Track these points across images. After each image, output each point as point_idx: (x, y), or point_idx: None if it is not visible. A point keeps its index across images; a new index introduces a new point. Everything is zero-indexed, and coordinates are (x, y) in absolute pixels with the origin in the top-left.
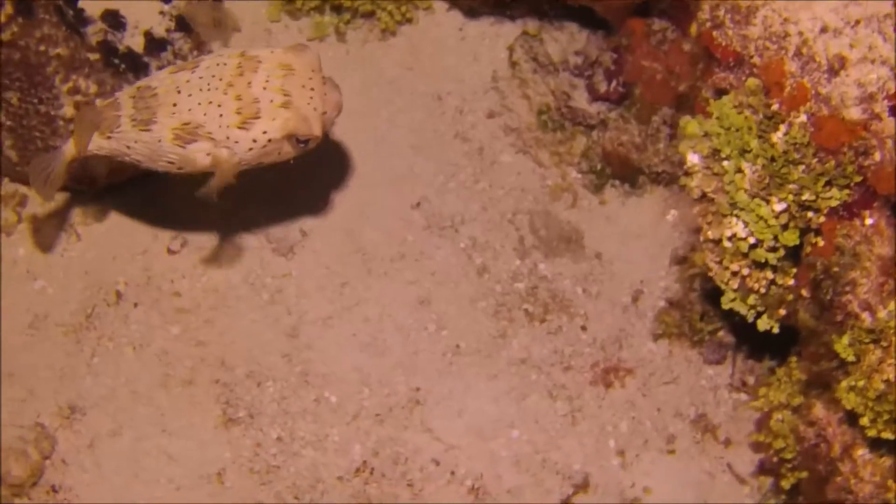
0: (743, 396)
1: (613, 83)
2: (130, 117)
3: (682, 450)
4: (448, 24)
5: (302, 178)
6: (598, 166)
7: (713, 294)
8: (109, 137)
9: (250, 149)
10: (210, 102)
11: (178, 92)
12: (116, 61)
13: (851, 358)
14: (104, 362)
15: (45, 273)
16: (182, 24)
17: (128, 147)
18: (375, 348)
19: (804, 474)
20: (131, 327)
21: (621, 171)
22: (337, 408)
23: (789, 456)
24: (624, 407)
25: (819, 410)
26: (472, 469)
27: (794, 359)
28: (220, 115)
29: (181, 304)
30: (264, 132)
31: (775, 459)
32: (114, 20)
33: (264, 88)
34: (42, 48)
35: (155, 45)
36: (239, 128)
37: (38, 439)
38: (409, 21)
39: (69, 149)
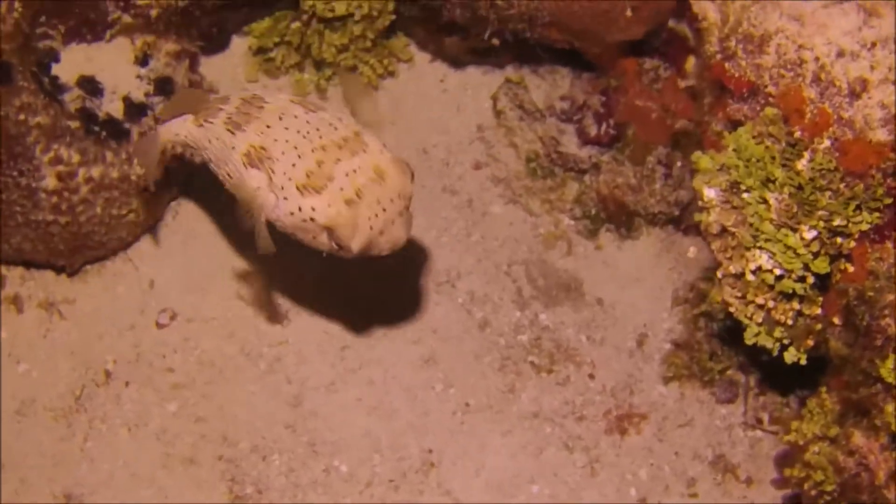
0: (759, 433)
1: (604, 126)
2: (228, 115)
3: (703, 492)
4: (430, 75)
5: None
6: (593, 211)
7: (721, 332)
8: (201, 125)
9: (291, 213)
10: (295, 148)
11: (280, 119)
12: (97, 129)
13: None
14: (99, 446)
15: (29, 356)
16: (162, 87)
17: (209, 141)
18: (383, 411)
19: None
20: (124, 407)
21: (617, 215)
22: (348, 477)
23: (829, 488)
24: (641, 454)
25: (858, 439)
26: None
27: (823, 389)
28: (293, 165)
29: (176, 380)
30: (313, 208)
31: (813, 493)
32: (91, 86)
33: (346, 175)
34: (22, 117)
35: (135, 109)
36: (297, 188)
37: None
38: (392, 74)
39: (165, 130)
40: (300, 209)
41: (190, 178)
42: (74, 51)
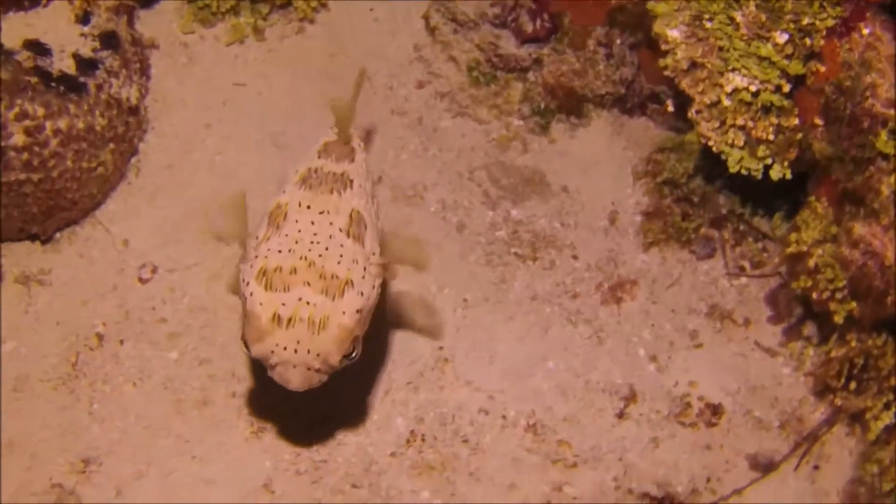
0: (744, 280)
1: (539, 21)
2: (315, 168)
3: (707, 341)
4: (360, 6)
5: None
6: (542, 105)
7: (689, 195)
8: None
9: (242, 278)
10: (295, 242)
11: (320, 213)
12: (54, 85)
13: (893, 151)
14: (106, 406)
15: (14, 334)
16: (107, 41)
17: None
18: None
19: (853, 305)
20: (124, 364)
21: (567, 103)
22: (366, 390)
23: (840, 284)
24: (640, 317)
25: (860, 229)
26: (522, 409)
27: (812, 198)
28: (279, 251)
29: (171, 329)
30: (251, 293)
31: (825, 296)
32: (38, 47)
33: (299, 299)
34: None
35: (86, 64)
36: (260, 268)
37: (60, 498)
38: (325, 6)
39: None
40: (247, 283)
41: None
42: (13, 20)
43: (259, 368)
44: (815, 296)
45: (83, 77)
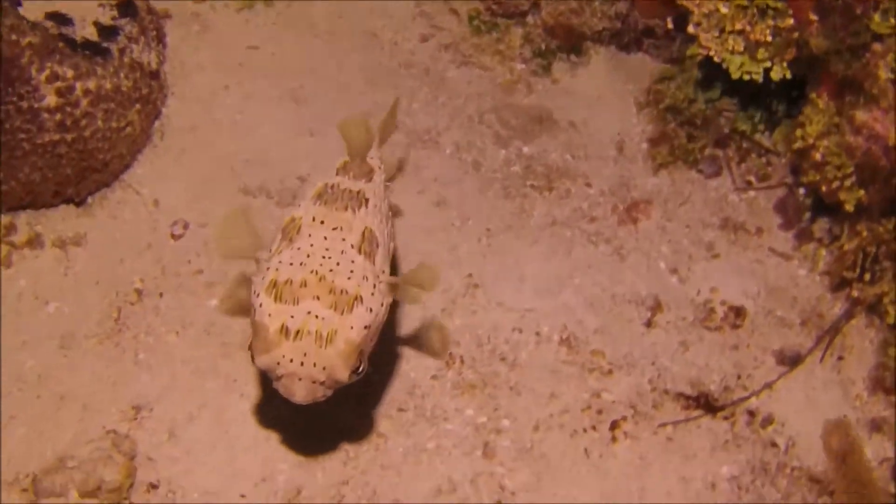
0: (752, 193)
1: None
2: (333, 184)
3: (724, 252)
4: None
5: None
6: (542, 47)
7: (691, 118)
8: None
9: (253, 290)
10: (308, 256)
11: (333, 230)
12: (80, 49)
13: (887, 31)
14: (152, 355)
15: (55, 295)
16: (125, 10)
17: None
18: (415, 256)
19: (861, 193)
20: (166, 315)
21: (567, 42)
22: (401, 315)
23: (848, 171)
24: (657, 234)
25: (861, 116)
26: (554, 324)
27: (813, 95)
28: (290, 264)
29: (207, 279)
30: (261, 304)
31: (835, 185)
32: (60, 18)
33: (309, 313)
34: (14, 37)
35: (107, 31)
36: (271, 280)
37: (115, 443)
38: None
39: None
40: (257, 295)
41: None
42: None
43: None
44: (824, 188)
45: (106, 42)
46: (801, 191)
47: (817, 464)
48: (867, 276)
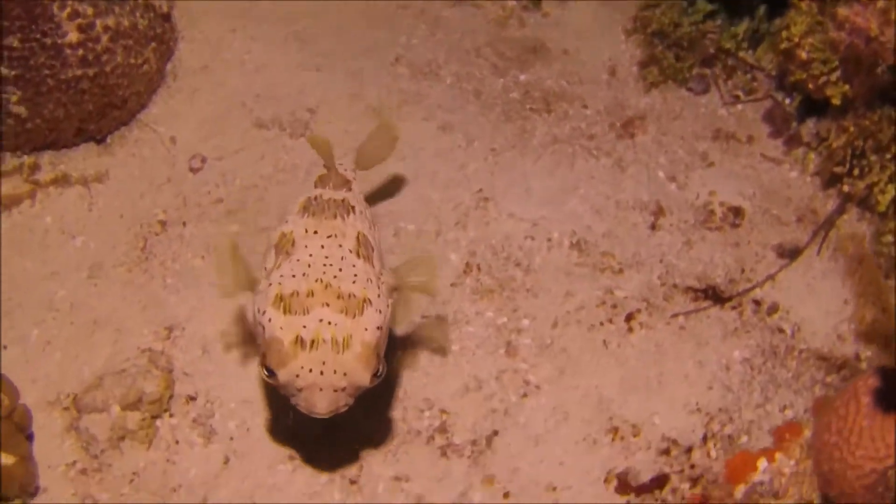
0: (740, 107)
1: None
2: (316, 196)
3: (718, 160)
4: None
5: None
6: None
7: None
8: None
9: (257, 307)
10: (308, 266)
11: (328, 237)
12: None
13: None
14: (180, 279)
15: (81, 230)
16: None
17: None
18: (425, 177)
19: (846, 87)
20: (191, 242)
21: None
22: (417, 232)
23: (833, 65)
24: (654, 146)
25: (843, 11)
26: (564, 230)
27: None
28: (293, 276)
29: (228, 207)
30: (269, 319)
31: (821, 81)
32: None
33: (320, 321)
34: None
35: None
36: (276, 294)
37: (152, 360)
38: None
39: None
40: (263, 312)
41: None
42: None
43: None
44: (811, 86)
45: None
46: (787, 100)
47: (823, 345)
48: (856, 171)
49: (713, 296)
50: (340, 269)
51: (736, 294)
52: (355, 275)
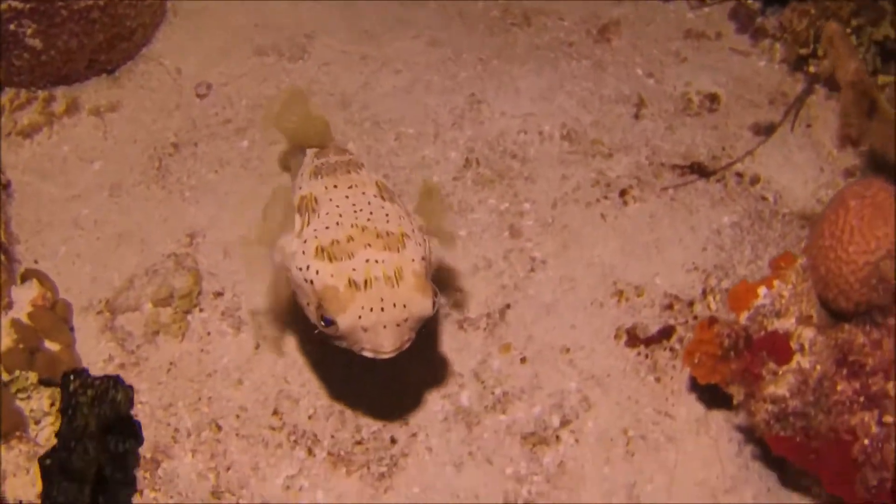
0: (706, 9)
1: None
2: (324, 162)
3: (690, 56)
4: None
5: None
6: None
7: None
8: (315, 157)
9: (299, 268)
10: (339, 216)
11: (350, 187)
12: None
13: None
14: (197, 192)
15: (98, 156)
16: None
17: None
18: (420, 86)
19: None
20: (204, 159)
21: None
22: (417, 136)
23: None
24: (630, 48)
25: None
26: (554, 123)
27: None
28: (326, 227)
29: (236, 126)
30: (317, 272)
31: None
32: None
33: (366, 261)
34: None
35: None
36: (316, 248)
37: (178, 262)
38: None
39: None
40: (307, 267)
41: None
42: None
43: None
44: None
45: None
46: (751, 0)
47: (805, 209)
48: (820, 51)
49: (698, 170)
50: (371, 212)
51: (719, 168)
52: (387, 214)
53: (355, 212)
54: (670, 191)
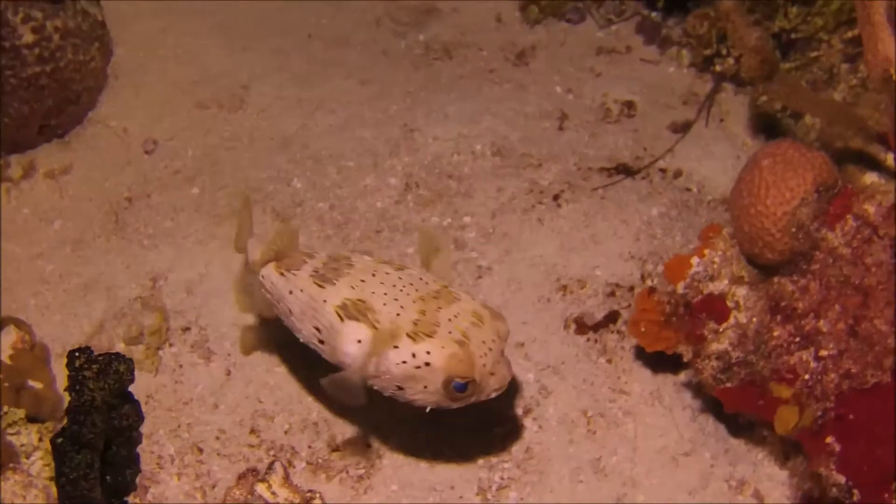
0: (614, 27)
1: None
2: (314, 269)
3: (604, 70)
4: None
5: None
6: None
7: None
8: (282, 274)
9: (403, 361)
10: (395, 300)
11: (373, 275)
12: None
13: None
14: (155, 238)
15: (57, 215)
16: None
17: (290, 292)
18: (355, 123)
19: None
20: (158, 209)
21: None
22: (357, 168)
23: None
24: (547, 69)
25: None
26: (485, 142)
27: None
28: (398, 315)
29: (186, 175)
30: (427, 352)
31: None
32: None
33: (449, 320)
34: None
35: None
36: (408, 335)
37: (145, 303)
38: None
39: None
40: (413, 356)
41: None
42: None
43: None
44: None
45: None
46: (654, 14)
47: (726, 193)
48: (723, 50)
49: (624, 170)
50: (411, 283)
51: (643, 167)
52: (420, 278)
53: (402, 290)
54: (600, 191)
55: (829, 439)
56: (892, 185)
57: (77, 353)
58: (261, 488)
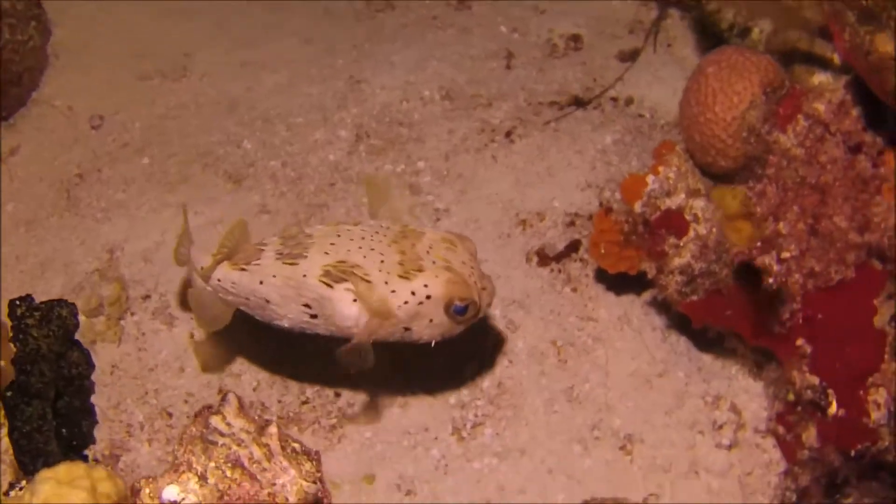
0: None
1: None
2: (276, 251)
3: (547, 8)
4: None
5: None
6: None
7: None
8: (243, 269)
9: (406, 302)
10: (372, 249)
11: (339, 236)
12: None
13: None
14: (108, 212)
15: (8, 198)
16: None
17: (261, 283)
18: (301, 81)
19: None
20: (109, 182)
21: None
22: (306, 124)
23: None
24: (490, 11)
25: None
26: (433, 86)
27: None
28: (382, 261)
29: (135, 147)
30: (425, 285)
31: None
32: None
33: (427, 252)
34: None
35: None
36: (400, 276)
37: (102, 275)
38: None
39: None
40: (413, 294)
41: None
42: None
43: None
44: None
45: None
46: None
47: (678, 117)
48: None
49: (575, 102)
50: (376, 231)
51: (594, 97)
52: (381, 225)
53: (373, 239)
54: (552, 124)
55: (800, 341)
56: (840, 83)
57: (18, 302)
58: (215, 420)
